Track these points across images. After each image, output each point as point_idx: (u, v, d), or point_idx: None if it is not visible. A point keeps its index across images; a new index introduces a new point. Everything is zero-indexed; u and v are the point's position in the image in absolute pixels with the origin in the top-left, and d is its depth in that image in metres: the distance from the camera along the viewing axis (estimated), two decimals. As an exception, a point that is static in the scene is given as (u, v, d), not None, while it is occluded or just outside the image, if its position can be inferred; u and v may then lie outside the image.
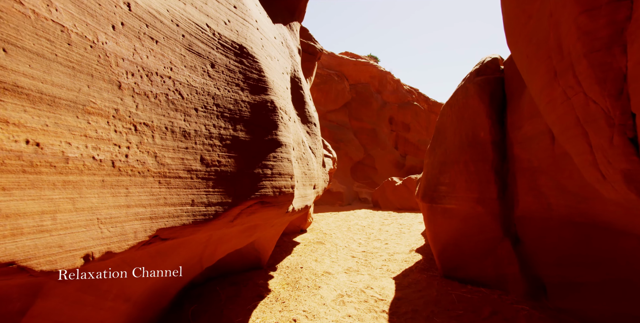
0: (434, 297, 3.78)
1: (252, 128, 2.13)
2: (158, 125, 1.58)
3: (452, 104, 4.88)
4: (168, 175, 1.58)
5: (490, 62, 4.55)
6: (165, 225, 1.48)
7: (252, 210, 1.97)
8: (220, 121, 1.96)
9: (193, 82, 1.85)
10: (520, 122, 3.70)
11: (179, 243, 1.75)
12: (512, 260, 3.73)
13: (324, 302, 3.65)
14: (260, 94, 2.30)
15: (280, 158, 2.17)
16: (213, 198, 1.75)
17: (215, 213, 1.72)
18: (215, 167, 1.83)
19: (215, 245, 2.24)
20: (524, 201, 3.61)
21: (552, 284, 3.37)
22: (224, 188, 1.81)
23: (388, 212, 12.60)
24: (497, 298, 3.63)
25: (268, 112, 2.26)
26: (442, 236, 4.49)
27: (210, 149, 1.84)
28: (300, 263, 5.16)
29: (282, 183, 2.15)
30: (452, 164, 4.45)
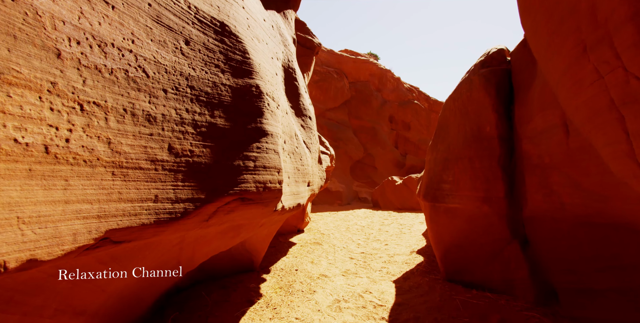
0: (437, 302, 3.53)
1: (233, 115, 1.87)
2: (114, 106, 1.32)
3: (455, 98, 4.62)
4: (125, 165, 1.32)
5: (496, 53, 4.30)
6: (118, 225, 1.22)
7: (231, 208, 1.72)
8: (195, 106, 1.70)
9: (162, 60, 1.59)
10: (529, 115, 3.45)
11: (142, 246, 1.50)
12: (521, 263, 3.47)
13: (319, 307, 3.40)
14: (244, 77, 2.04)
15: (265, 149, 1.92)
16: (182, 194, 1.49)
17: (184, 211, 1.46)
18: (187, 157, 1.57)
19: (192, 248, 1.99)
20: (534, 200, 3.36)
21: (565, 290, 3.12)
22: (197, 182, 1.56)
23: (388, 212, 12.36)
24: (505, 304, 3.37)
25: (252, 97, 2.01)
26: (445, 238, 4.23)
27: (182, 137, 1.58)
28: (296, 265, 4.90)
29: (267, 178, 1.89)
30: (456, 160, 4.20)
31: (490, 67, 4.19)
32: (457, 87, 4.67)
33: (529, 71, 3.63)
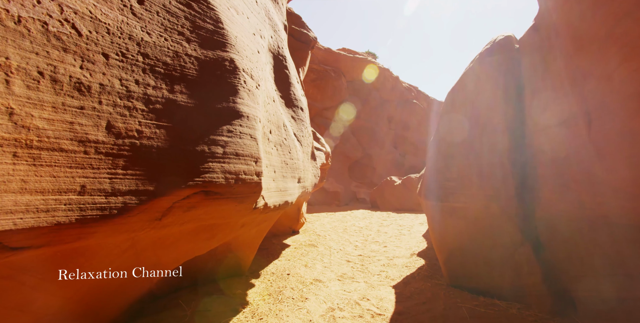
0: (440, 311, 3.20)
1: (200, 91, 1.54)
2: (22, 66, 0.99)
3: (459, 90, 4.31)
4: (37, 145, 0.99)
5: (504, 40, 3.98)
6: (15, 226, 0.89)
7: (192, 203, 1.39)
8: (149, 77, 1.37)
9: (102, 17, 1.26)
10: (543, 104, 3.13)
11: (70, 253, 1.17)
12: (534, 268, 3.14)
13: (311, 317, 3.06)
14: (216, 49, 1.71)
15: (238, 133, 1.59)
16: (122, 184, 1.16)
17: (124, 207, 1.13)
18: (133, 139, 1.24)
19: (154, 253, 1.65)
20: (548, 199, 3.04)
21: (585, 299, 2.79)
22: (144, 170, 1.22)
23: (387, 213, 12.03)
24: (517, 313, 3.05)
25: (225, 73, 1.68)
26: (449, 240, 3.90)
27: (127, 114, 1.25)
28: (288, 269, 4.56)
29: (239, 167, 1.56)
30: (461, 156, 3.88)
31: (497, 55, 3.87)
32: (460, 78, 4.35)
33: (541, 58, 3.32)
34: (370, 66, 18.91)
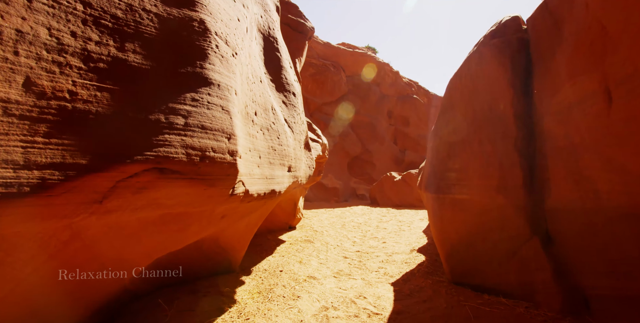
0: (442, 309, 2.98)
1: (159, 52, 1.29)
2: None
3: (462, 75, 4.05)
4: None
5: (510, 21, 3.72)
6: None
7: (142, 183, 1.14)
8: (91, 31, 1.12)
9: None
10: (554, 87, 2.88)
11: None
12: (542, 264, 2.91)
13: (302, 317, 2.83)
14: (182, 7, 1.46)
15: (205, 103, 1.34)
16: (42, 156, 0.91)
17: (40, 184, 0.88)
18: (62, 102, 0.99)
19: (108, 245, 1.42)
20: (560, 189, 2.80)
21: (599, 296, 2.56)
22: (75, 140, 0.98)
23: (386, 209, 11.82)
24: (524, 312, 2.82)
25: (192, 34, 1.43)
26: (451, 234, 3.67)
27: (56, 71, 1.00)
28: (281, 265, 4.34)
29: (207, 143, 1.31)
30: (464, 145, 3.63)
31: (503, 37, 3.61)
32: (463, 62, 4.10)
33: (552, 37, 3.06)
34: (369, 65, 18.65)
